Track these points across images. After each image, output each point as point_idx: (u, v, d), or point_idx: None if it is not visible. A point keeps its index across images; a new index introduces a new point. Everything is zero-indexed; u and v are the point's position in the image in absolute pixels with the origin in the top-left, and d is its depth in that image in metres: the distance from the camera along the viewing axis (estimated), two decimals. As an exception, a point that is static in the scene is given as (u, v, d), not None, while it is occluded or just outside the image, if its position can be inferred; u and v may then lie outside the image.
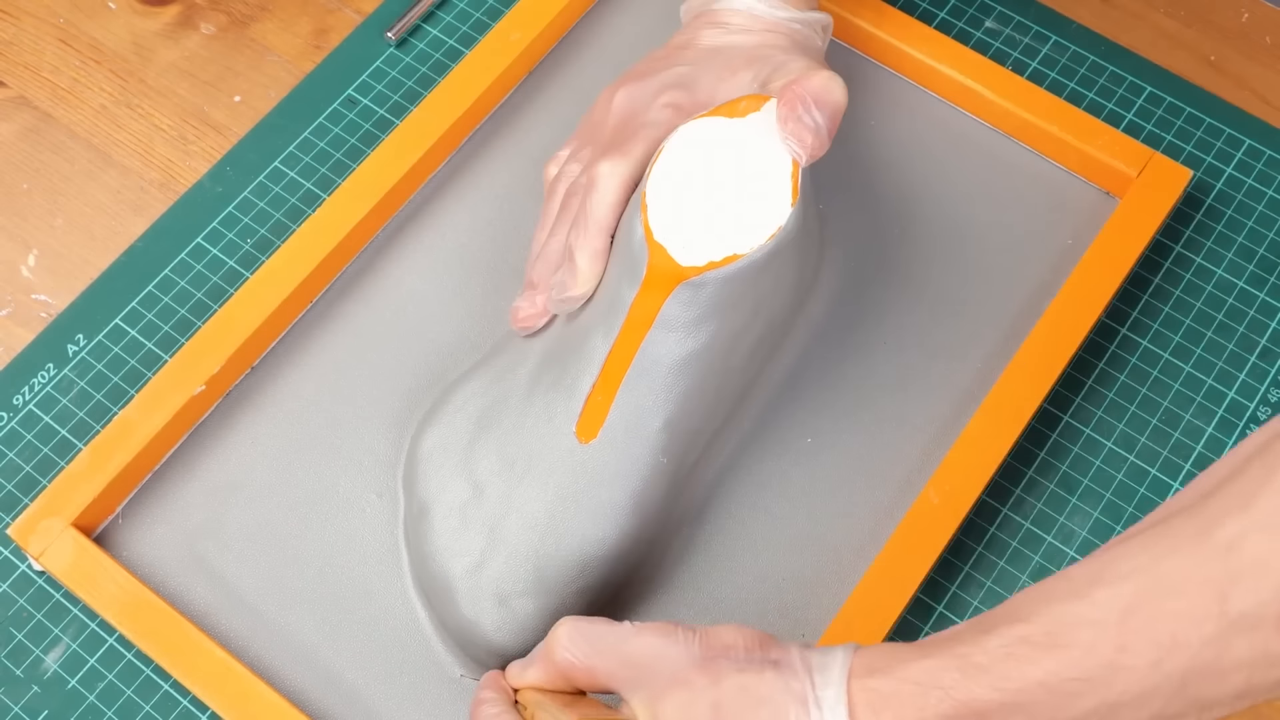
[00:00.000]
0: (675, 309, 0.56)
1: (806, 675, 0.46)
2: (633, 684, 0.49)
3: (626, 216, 0.57)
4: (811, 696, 0.45)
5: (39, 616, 0.61)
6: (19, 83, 0.75)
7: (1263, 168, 0.71)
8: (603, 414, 0.57)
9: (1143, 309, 0.68)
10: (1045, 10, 0.76)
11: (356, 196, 0.67)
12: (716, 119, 0.57)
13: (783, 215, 0.56)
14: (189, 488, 0.63)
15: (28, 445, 0.65)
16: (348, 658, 0.60)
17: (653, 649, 0.48)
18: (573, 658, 0.50)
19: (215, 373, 0.63)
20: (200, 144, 0.73)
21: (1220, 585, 0.39)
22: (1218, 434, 0.65)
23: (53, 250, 0.71)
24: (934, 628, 0.61)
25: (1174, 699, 0.41)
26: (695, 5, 0.65)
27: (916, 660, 0.44)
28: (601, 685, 0.50)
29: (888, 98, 0.73)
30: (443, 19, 0.76)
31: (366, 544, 0.62)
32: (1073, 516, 0.63)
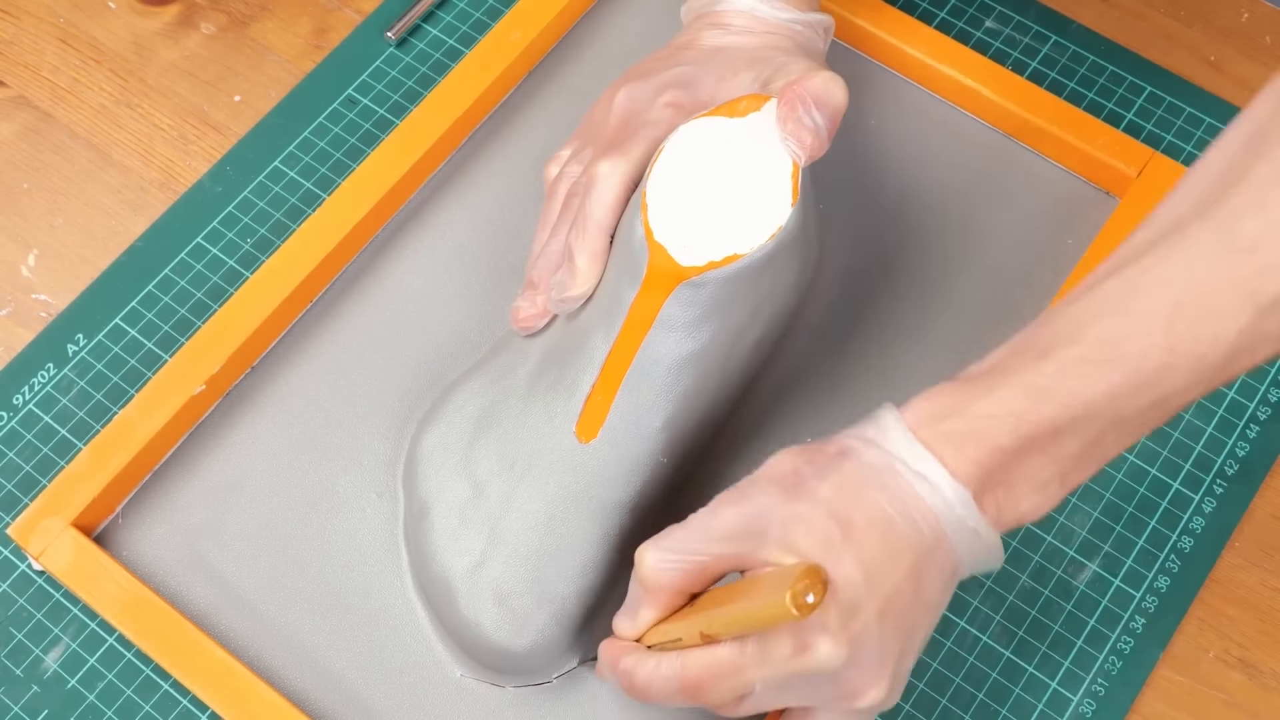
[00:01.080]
0: (675, 309, 0.56)
1: (876, 446, 0.48)
2: (742, 556, 0.48)
3: (626, 216, 0.57)
4: (895, 458, 0.48)
5: (39, 616, 0.61)
6: (19, 82, 0.75)
7: (1263, 168, 0.71)
8: (603, 414, 0.57)
9: (1143, 309, 0.68)
10: (1045, 10, 0.76)
11: (356, 196, 0.67)
12: (717, 119, 0.57)
13: (783, 215, 0.56)
14: (189, 487, 0.63)
15: (28, 445, 0.65)
16: (348, 657, 0.60)
17: (737, 516, 0.49)
18: (674, 574, 0.49)
19: (215, 372, 0.63)
20: (200, 144, 0.73)
21: (1250, 282, 0.45)
22: (1218, 434, 0.65)
23: (53, 250, 0.71)
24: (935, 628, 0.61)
25: (1215, 379, 0.47)
26: (696, 6, 0.65)
27: (983, 397, 0.48)
28: (711, 579, 0.50)
29: (888, 98, 0.73)
30: (443, 19, 0.76)
31: (366, 544, 0.62)
32: (1073, 516, 0.63)
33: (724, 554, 0.49)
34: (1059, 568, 0.62)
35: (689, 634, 0.49)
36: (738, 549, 0.48)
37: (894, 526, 0.47)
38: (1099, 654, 0.61)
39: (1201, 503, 0.64)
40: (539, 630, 0.57)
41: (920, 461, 0.47)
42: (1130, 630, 0.61)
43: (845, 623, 0.46)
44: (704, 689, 0.49)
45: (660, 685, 0.50)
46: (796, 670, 0.47)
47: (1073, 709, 0.60)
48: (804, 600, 0.42)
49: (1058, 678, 0.60)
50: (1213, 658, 0.61)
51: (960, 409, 0.48)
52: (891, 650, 0.47)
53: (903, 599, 0.47)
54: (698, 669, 0.49)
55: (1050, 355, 0.48)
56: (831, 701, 0.49)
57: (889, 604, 0.47)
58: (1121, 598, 0.62)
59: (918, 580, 0.47)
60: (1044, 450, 0.48)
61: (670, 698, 0.50)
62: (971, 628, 0.61)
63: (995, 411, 0.47)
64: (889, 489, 0.47)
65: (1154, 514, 0.63)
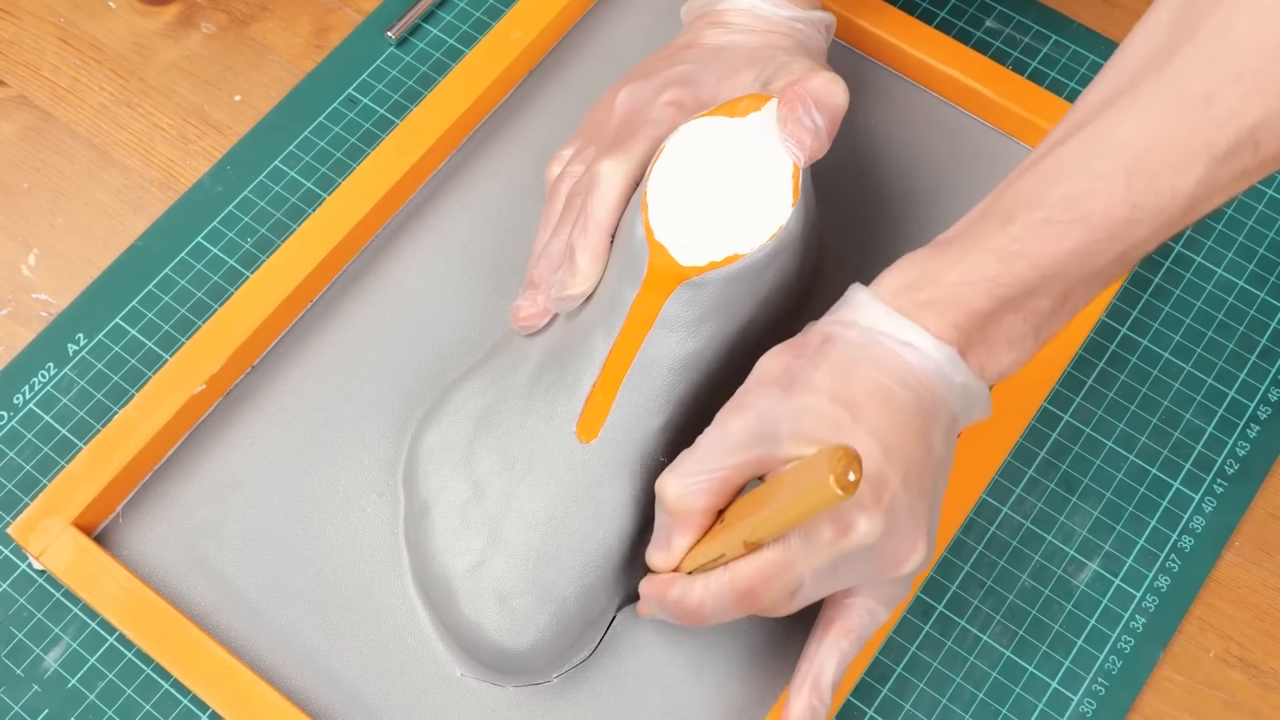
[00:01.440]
0: (676, 309, 0.56)
1: (856, 326, 0.50)
2: (760, 461, 0.50)
3: (627, 216, 0.57)
4: (877, 333, 0.50)
5: (39, 616, 0.61)
6: (19, 82, 0.75)
7: (1263, 167, 0.71)
8: (603, 413, 0.57)
9: (1143, 309, 0.68)
10: (1045, 10, 0.76)
11: (357, 196, 0.67)
12: (717, 119, 0.57)
13: (783, 215, 0.56)
14: (189, 487, 0.63)
15: (28, 444, 0.65)
16: (348, 657, 0.60)
17: (745, 424, 0.50)
18: (698, 496, 0.51)
19: (215, 372, 0.63)
20: (201, 143, 0.73)
21: (1205, 134, 0.47)
22: (1218, 433, 0.65)
23: (53, 249, 0.71)
24: (935, 628, 0.61)
25: (1175, 227, 0.49)
26: (697, 5, 0.65)
27: (955, 265, 0.50)
28: (734, 492, 0.51)
29: (888, 98, 0.73)
30: (443, 18, 0.76)
31: (367, 543, 0.62)
32: (1073, 516, 0.63)
33: (742, 463, 0.50)
34: (1059, 567, 0.62)
35: (730, 547, 0.50)
36: (754, 455, 0.50)
37: (894, 396, 0.49)
38: (1099, 653, 0.61)
39: (1202, 502, 0.64)
40: (539, 630, 0.57)
41: (903, 331, 0.50)
42: (1130, 630, 0.61)
43: (877, 496, 0.48)
44: (757, 594, 0.50)
45: (714, 603, 0.51)
46: (841, 552, 0.48)
47: (1073, 708, 0.60)
48: (847, 480, 0.43)
49: (1058, 677, 0.60)
50: (1213, 657, 0.61)
51: (934, 278, 0.50)
52: (921, 512, 0.50)
53: (918, 462, 0.49)
54: (748, 577, 0.50)
55: (1016, 219, 0.50)
56: (876, 574, 0.51)
57: (908, 469, 0.49)
58: (1122, 597, 0.62)
59: (926, 441, 0.50)
60: (1018, 309, 0.50)
61: (725, 613, 0.52)
62: (972, 627, 0.61)
63: (969, 278, 0.49)
64: (880, 362, 0.49)
65: (1154, 513, 0.63)
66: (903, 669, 0.60)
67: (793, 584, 0.50)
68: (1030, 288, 0.50)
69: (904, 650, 0.61)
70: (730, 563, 0.50)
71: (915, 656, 0.61)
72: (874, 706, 0.60)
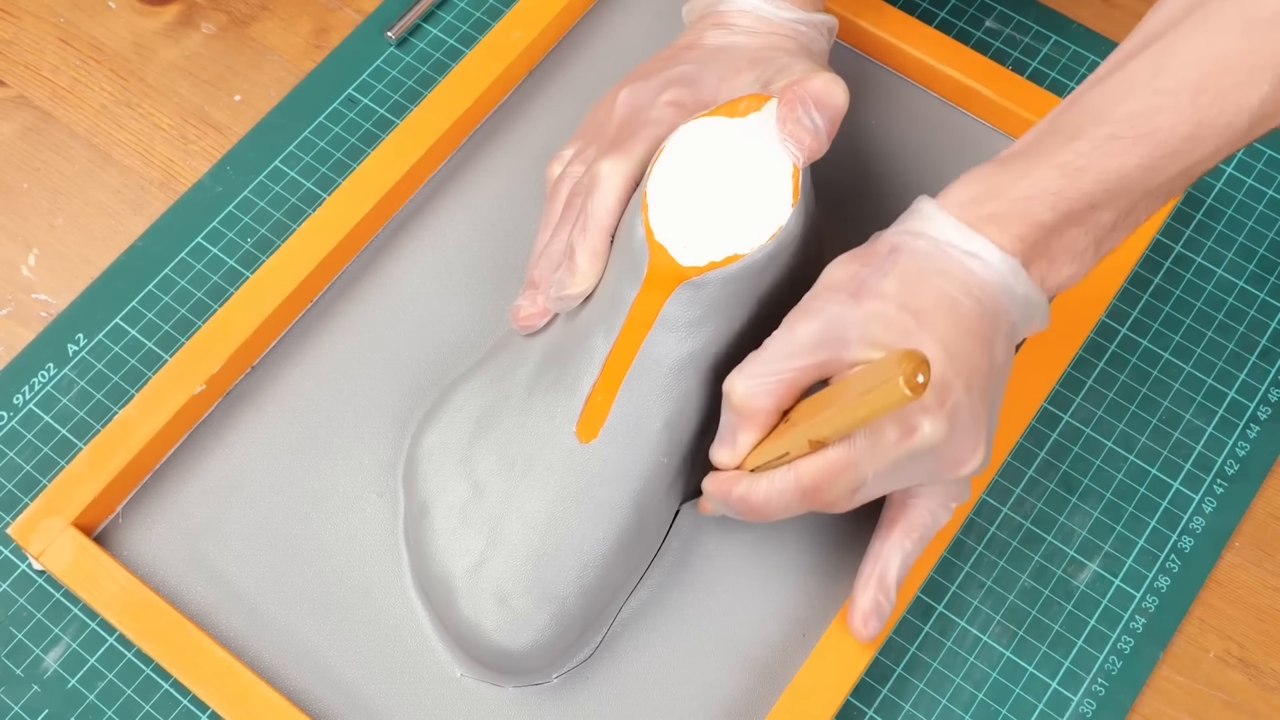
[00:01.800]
0: (676, 309, 0.56)
1: (924, 236, 0.52)
2: (826, 364, 0.52)
3: (627, 216, 0.57)
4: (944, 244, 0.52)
5: (39, 616, 0.61)
6: (19, 82, 0.75)
7: (1263, 167, 0.71)
8: (603, 414, 0.57)
9: (1143, 309, 0.68)
10: (1045, 10, 0.76)
11: (357, 196, 0.67)
12: (717, 119, 0.57)
13: (783, 215, 0.56)
14: (189, 487, 0.63)
15: (28, 445, 0.65)
16: (348, 657, 0.60)
17: (814, 328, 0.52)
18: (765, 396, 0.52)
19: (215, 372, 0.63)
20: (201, 143, 0.73)
21: (1271, 53, 0.49)
22: (1218, 434, 0.65)
23: (53, 250, 0.71)
24: (934, 628, 0.61)
25: (1238, 144, 0.51)
26: (699, 6, 0.65)
27: (1021, 179, 0.51)
28: (799, 393, 0.53)
29: (888, 98, 0.73)
30: (443, 18, 0.76)
31: (366, 543, 0.62)
32: (1073, 516, 0.63)
33: (809, 365, 0.52)
34: (1059, 567, 0.62)
35: (795, 446, 0.52)
36: (821, 358, 0.51)
37: (959, 304, 0.51)
38: (1099, 654, 0.61)
39: (1202, 503, 0.64)
40: (539, 630, 0.57)
41: (969, 242, 0.51)
42: (1130, 630, 0.61)
43: (940, 400, 0.50)
44: (821, 491, 0.52)
45: (778, 499, 0.53)
46: (905, 453, 0.50)
47: (1073, 709, 0.60)
48: (915, 382, 0.44)
49: (1058, 677, 0.60)
50: (1213, 658, 0.61)
51: (999, 192, 0.52)
52: (981, 417, 0.52)
53: (980, 369, 0.51)
54: (813, 474, 0.52)
55: (1082, 135, 0.51)
56: (936, 475, 0.53)
57: (971, 375, 0.51)
58: (1122, 597, 0.62)
59: (988, 349, 0.52)
60: (1081, 223, 0.52)
61: (787, 509, 0.54)
62: (972, 627, 0.61)
63: (1034, 192, 0.51)
64: (946, 272, 0.51)
65: (1154, 514, 0.63)
66: (903, 669, 0.60)
67: (855, 482, 0.51)
68: (1094, 202, 0.51)
69: (904, 650, 0.61)
70: (795, 460, 0.52)
71: (915, 657, 0.61)
72: (874, 707, 0.60)
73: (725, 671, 0.60)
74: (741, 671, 0.60)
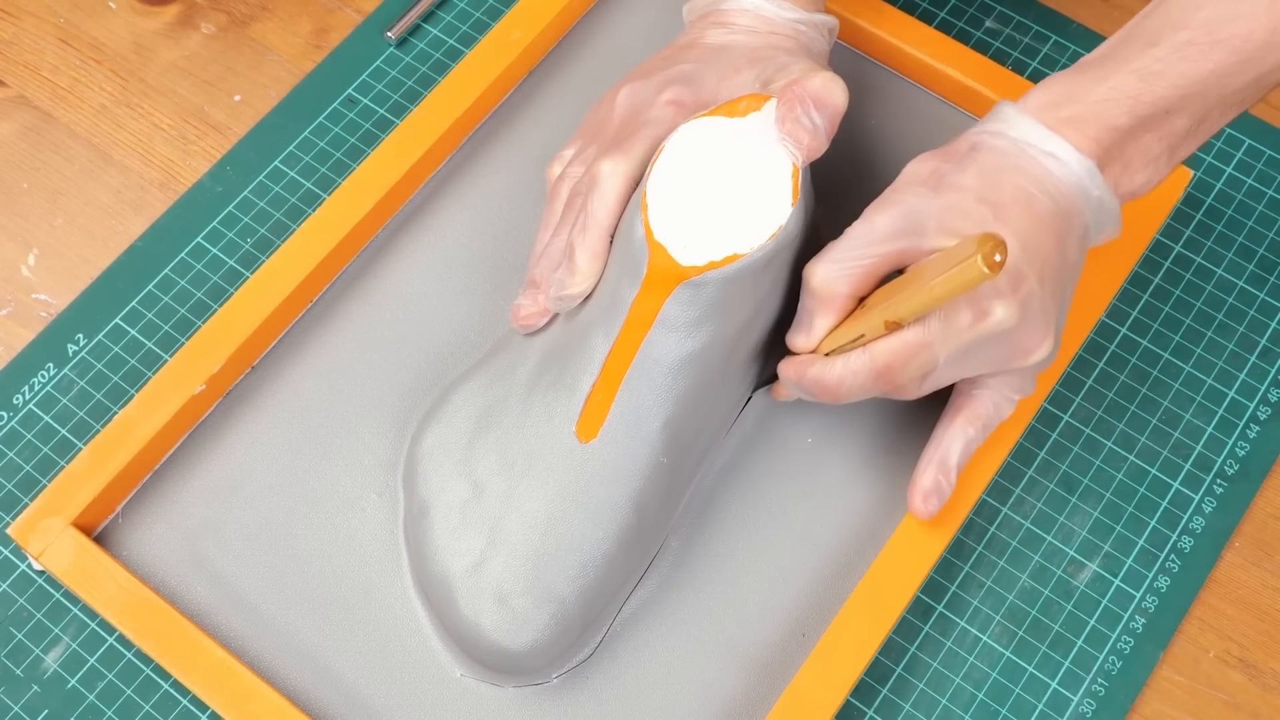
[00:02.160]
0: (675, 309, 0.56)
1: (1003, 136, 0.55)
2: (905, 252, 0.54)
3: (627, 216, 0.57)
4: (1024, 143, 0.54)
5: (39, 616, 0.61)
6: (19, 82, 0.75)
7: (1263, 168, 0.71)
8: (603, 413, 0.57)
9: (1143, 309, 0.68)
10: (1045, 10, 0.76)
11: (357, 196, 0.67)
12: (717, 118, 0.57)
13: (783, 215, 0.56)
14: (189, 487, 0.63)
15: (28, 445, 0.65)
16: (347, 657, 0.60)
17: (893, 218, 0.54)
18: (844, 281, 0.55)
19: (215, 372, 0.63)
20: (200, 143, 0.73)
21: None
22: (1218, 434, 0.65)
23: (53, 250, 0.71)
24: (934, 628, 0.61)
25: None
26: (699, 5, 0.65)
27: (1099, 84, 0.54)
28: (876, 280, 0.55)
29: (888, 98, 0.73)
30: (443, 19, 0.76)
31: (366, 543, 0.62)
32: (1073, 516, 0.63)
33: (887, 253, 0.54)
34: (1059, 567, 0.62)
35: (871, 328, 0.54)
36: (900, 245, 0.54)
37: (1035, 201, 0.53)
38: (1099, 654, 0.61)
39: (1202, 502, 0.64)
40: (539, 630, 0.57)
41: (1048, 143, 0.54)
42: (1130, 630, 0.61)
43: (1014, 287, 0.52)
44: (894, 373, 0.54)
45: (851, 380, 0.55)
46: (977, 336, 0.53)
47: (1073, 709, 0.60)
48: (993, 260, 0.46)
49: (1058, 678, 0.60)
50: (1213, 658, 0.61)
51: (1078, 96, 0.54)
52: (1051, 310, 0.54)
53: (1053, 263, 0.54)
54: (887, 355, 0.54)
55: (1160, 41, 0.53)
56: (1005, 363, 0.55)
57: (1044, 269, 0.53)
58: (1121, 597, 0.62)
59: (1062, 246, 0.54)
60: (1155, 128, 0.54)
61: (861, 390, 0.56)
62: (971, 627, 0.61)
63: (1111, 96, 0.54)
64: (1024, 170, 0.54)
65: (1154, 514, 0.63)
66: (902, 669, 0.60)
67: (928, 365, 0.54)
68: (1169, 107, 0.53)
69: (904, 650, 0.61)
70: (870, 343, 0.54)
71: (915, 657, 0.61)
72: (874, 706, 0.60)
73: (725, 671, 0.60)
74: (741, 671, 0.60)
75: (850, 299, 0.55)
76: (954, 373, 0.55)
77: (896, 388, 0.55)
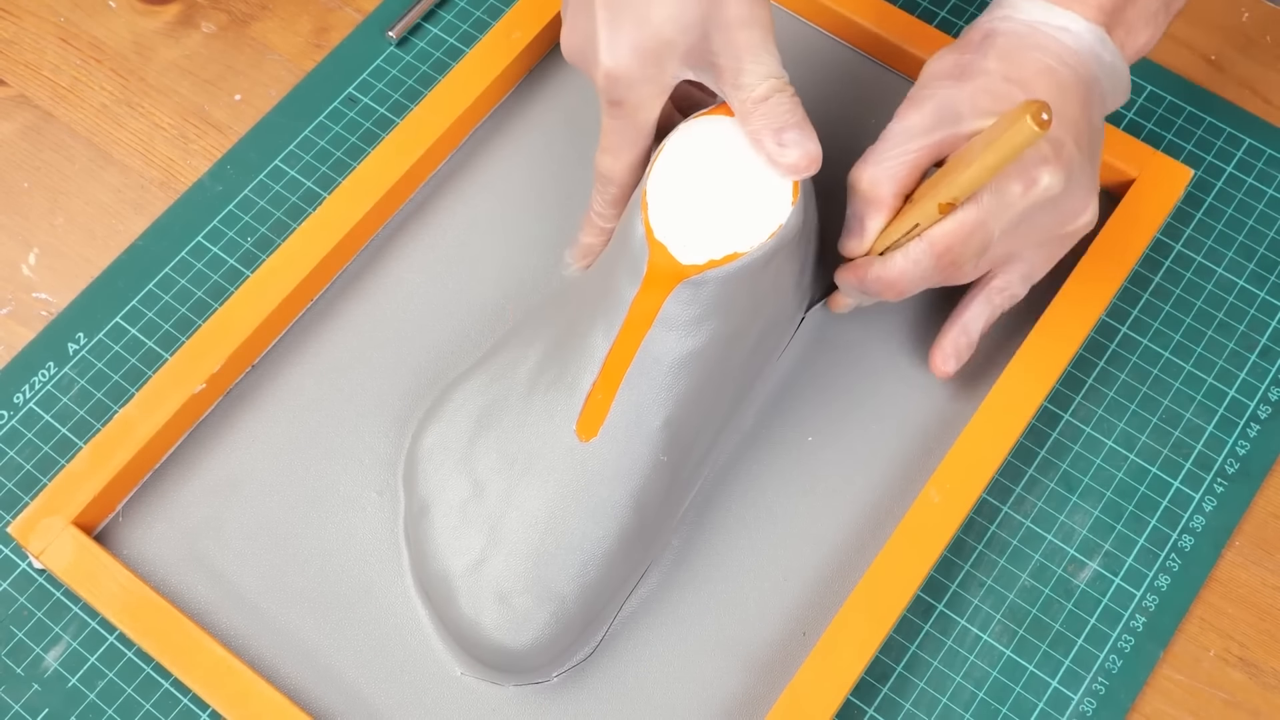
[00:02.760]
0: (675, 308, 0.56)
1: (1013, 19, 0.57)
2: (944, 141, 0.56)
3: (627, 215, 0.57)
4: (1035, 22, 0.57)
5: (39, 615, 0.61)
6: (19, 81, 0.75)
7: (1263, 167, 0.71)
8: (603, 412, 0.57)
9: (1144, 308, 0.68)
10: (1046, 9, 0.76)
11: (357, 195, 0.67)
12: (717, 118, 0.57)
13: (783, 214, 0.56)
14: (189, 486, 0.63)
15: (28, 444, 0.65)
16: (348, 656, 0.60)
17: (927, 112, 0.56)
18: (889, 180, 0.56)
19: (216, 371, 0.63)
20: (201, 142, 0.73)
21: None
22: (1218, 433, 0.65)
23: (53, 249, 0.71)
24: (935, 627, 0.61)
25: None
26: None
27: None
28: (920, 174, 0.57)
29: (888, 97, 0.73)
30: (444, 18, 0.76)
31: (366, 542, 0.62)
32: (1073, 515, 0.63)
33: (928, 145, 0.56)
34: (1060, 566, 0.62)
35: (925, 216, 0.55)
36: (938, 137, 0.56)
37: (1057, 73, 0.56)
38: (1100, 653, 0.61)
39: (1202, 501, 0.64)
40: (539, 629, 0.57)
41: (1058, 17, 0.57)
42: (1131, 629, 0.61)
43: (1056, 152, 0.55)
44: (954, 253, 0.56)
45: (913, 269, 0.57)
46: (1029, 204, 0.55)
47: (1073, 708, 0.60)
48: (1041, 118, 0.48)
49: (1058, 676, 0.60)
50: (1213, 656, 0.61)
51: None
52: (1090, 173, 0.58)
53: (1083, 128, 0.57)
54: (946, 238, 0.56)
55: None
56: (1056, 228, 0.59)
57: (1077, 134, 0.56)
58: (1122, 596, 0.62)
59: (1087, 112, 0.57)
60: None
61: (923, 279, 0.58)
62: (972, 626, 0.61)
63: None
64: (1041, 46, 0.57)
65: (1155, 513, 0.63)
66: (903, 668, 0.60)
67: (985, 242, 0.56)
68: None
69: (904, 649, 0.61)
70: (926, 230, 0.56)
71: (915, 656, 0.61)
72: (874, 705, 0.60)
73: (725, 670, 0.60)
74: (742, 670, 0.60)
75: (898, 197, 0.57)
76: (1008, 246, 0.58)
77: (956, 270, 0.57)
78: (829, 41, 0.74)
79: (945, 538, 0.60)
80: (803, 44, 0.74)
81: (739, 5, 0.54)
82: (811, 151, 0.55)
